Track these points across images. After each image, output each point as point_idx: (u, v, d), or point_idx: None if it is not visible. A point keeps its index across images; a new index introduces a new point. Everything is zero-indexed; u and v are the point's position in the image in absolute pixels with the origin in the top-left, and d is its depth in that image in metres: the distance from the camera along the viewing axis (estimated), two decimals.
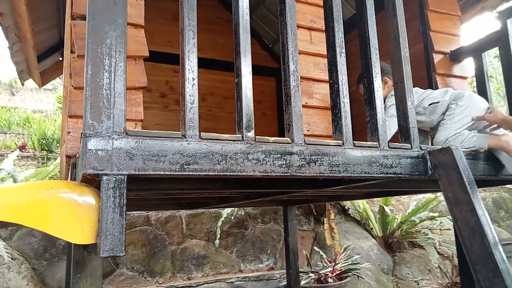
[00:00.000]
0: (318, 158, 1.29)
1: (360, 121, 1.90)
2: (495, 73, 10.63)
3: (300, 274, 3.62)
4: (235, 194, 2.38)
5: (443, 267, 4.59)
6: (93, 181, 1.04)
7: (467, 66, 2.78)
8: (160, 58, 3.84)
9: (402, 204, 5.48)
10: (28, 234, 3.62)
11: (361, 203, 4.90)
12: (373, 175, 1.39)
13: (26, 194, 0.99)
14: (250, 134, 1.20)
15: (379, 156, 1.41)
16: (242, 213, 4.33)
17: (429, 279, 4.52)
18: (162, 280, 3.76)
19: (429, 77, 2.69)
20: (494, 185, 3.57)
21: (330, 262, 3.87)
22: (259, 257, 4.27)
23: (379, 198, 4.86)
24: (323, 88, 2.23)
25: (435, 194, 4.67)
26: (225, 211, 4.19)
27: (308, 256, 4.04)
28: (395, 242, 4.82)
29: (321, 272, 3.67)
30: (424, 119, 2.17)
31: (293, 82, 1.32)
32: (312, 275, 3.68)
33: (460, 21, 2.87)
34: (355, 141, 1.39)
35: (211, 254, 4.07)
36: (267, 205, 4.31)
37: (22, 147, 6.28)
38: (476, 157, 1.72)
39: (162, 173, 1.05)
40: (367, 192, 2.87)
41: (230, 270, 4.07)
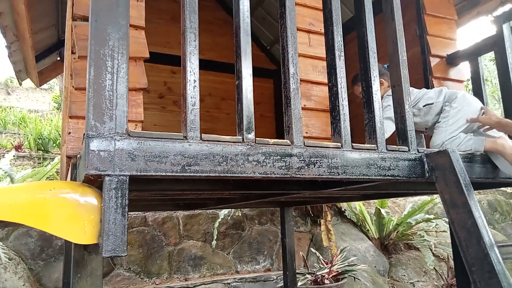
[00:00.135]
0: (317, 160, 1.30)
1: (357, 123, 1.92)
2: (490, 77, 10.72)
3: (297, 276, 3.64)
4: (234, 195, 2.39)
5: (439, 269, 4.62)
6: (95, 182, 1.05)
7: (464, 70, 2.81)
8: (158, 59, 3.83)
9: (398, 206, 5.51)
10: (25, 235, 3.61)
11: (358, 205, 4.92)
12: (371, 177, 1.40)
13: (29, 194, 0.99)
14: (251, 136, 1.21)
15: (377, 159, 1.43)
16: (239, 214, 4.34)
17: (425, 281, 4.55)
18: (159, 281, 3.76)
19: (426, 80, 2.72)
20: (490, 188, 3.60)
21: (327, 264, 3.89)
22: (256, 258, 4.27)
23: (375, 200, 4.89)
24: (321, 91, 2.24)
25: (431, 196, 4.70)
26: (222, 212, 4.20)
27: (305, 258, 4.06)
28: (391, 244, 4.85)
29: (318, 274, 3.69)
30: (419, 120, 2.19)
31: (293, 85, 1.33)
32: (309, 277, 3.70)
33: (457, 25, 2.91)
34: (354, 144, 1.41)
35: (208, 255, 4.07)
36: (265, 206, 4.31)
37: (18, 147, 6.25)
38: (473, 160, 1.74)
39: (164, 174, 1.06)
40: (364, 194, 2.88)
41: (227, 271, 4.07)
